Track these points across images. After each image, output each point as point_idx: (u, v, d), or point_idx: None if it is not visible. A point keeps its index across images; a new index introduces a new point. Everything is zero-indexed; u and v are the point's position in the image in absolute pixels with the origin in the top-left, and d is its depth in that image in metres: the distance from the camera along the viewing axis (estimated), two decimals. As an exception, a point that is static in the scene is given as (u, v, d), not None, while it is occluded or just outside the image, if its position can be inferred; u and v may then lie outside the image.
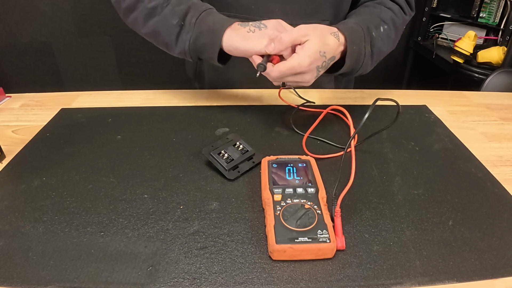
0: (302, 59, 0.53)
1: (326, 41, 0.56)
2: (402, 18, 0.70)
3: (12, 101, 0.75)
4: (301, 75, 0.55)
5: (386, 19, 0.66)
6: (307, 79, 0.56)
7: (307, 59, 0.53)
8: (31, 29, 1.74)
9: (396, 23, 0.68)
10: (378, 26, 0.64)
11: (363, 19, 0.63)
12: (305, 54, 0.53)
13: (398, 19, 0.68)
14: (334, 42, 0.57)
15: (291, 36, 0.54)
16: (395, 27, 0.67)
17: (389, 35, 0.66)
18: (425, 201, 0.48)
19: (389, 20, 0.66)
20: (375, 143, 0.60)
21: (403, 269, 0.39)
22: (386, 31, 0.65)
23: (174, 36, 0.61)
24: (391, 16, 0.67)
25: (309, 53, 0.53)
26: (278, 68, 0.54)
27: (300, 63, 0.53)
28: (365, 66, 0.63)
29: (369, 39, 0.61)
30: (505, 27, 1.49)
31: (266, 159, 0.52)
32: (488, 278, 0.38)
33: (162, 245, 0.41)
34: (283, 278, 0.38)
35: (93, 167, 0.54)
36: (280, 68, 0.53)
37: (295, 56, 0.53)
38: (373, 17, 0.65)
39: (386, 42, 0.66)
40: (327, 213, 0.43)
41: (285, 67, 0.53)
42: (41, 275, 0.38)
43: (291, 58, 0.54)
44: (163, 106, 0.72)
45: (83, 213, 0.46)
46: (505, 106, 0.76)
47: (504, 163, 0.57)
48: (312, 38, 0.54)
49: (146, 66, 1.90)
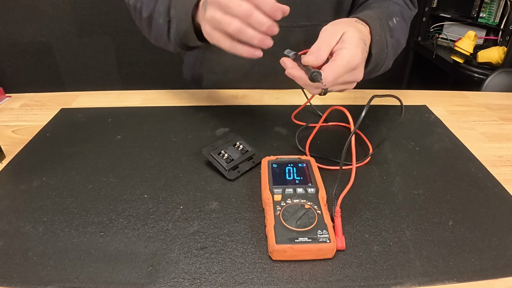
0: (352, 51, 0.46)
1: (359, 28, 0.50)
2: (408, 13, 0.68)
3: (12, 101, 0.75)
4: (355, 71, 0.48)
5: (396, 12, 0.62)
6: (360, 75, 0.49)
7: (357, 49, 0.46)
8: (31, 29, 1.74)
9: (405, 16, 0.65)
10: (392, 18, 0.60)
11: (376, 11, 0.59)
12: (352, 44, 0.46)
13: (405, 12, 0.66)
14: (365, 29, 0.52)
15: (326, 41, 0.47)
16: (405, 20, 0.64)
17: (403, 27, 0.63)
18: (425, 201, 0.48)
19: (399, 13, 0.63)
20: (375, 143, 0.60)
21: (403, 269, 0.39)
22: (399, 22, 0.61)
23: (166, 34, 0.60)
24: (400, 9, 0.64)
25: (355, 42, 0.47)
26: (332, 70, 0.45)
27: (353, 55, 0.46)
28: (388, 59, 0.58)
29: (387, 28, 0.57)
30: (505, 27, 1.49)
31: (266, 159, 0.52)
32: (488, 278, 0.38)
33: (162, 245, 0.41)
34: (283, 278, 0.38)
35: (93, 167, 0.54)
36: (334, 69, 0.45)
37: (343, 51, 0.46)
38: (384, 10, 0.61)
39: (402, 33, 0.62)
40: (327, 213, 0.43)
41: (338, 65, 0.45)
42: (41, 275, 0.38)
43: (339, 55, 0.46)
44: (163, 106, 0.72)
45: (83, 213, 0.46)
46: (505, 106, 0.76)
47: (504, 163, 0.57)
48: (348, 29, 0.48)
49: (146, 66, 1.90)
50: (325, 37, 0.48)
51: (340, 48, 0.47)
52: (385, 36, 0.56)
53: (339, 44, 0.47)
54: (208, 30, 0.48)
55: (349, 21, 0.51)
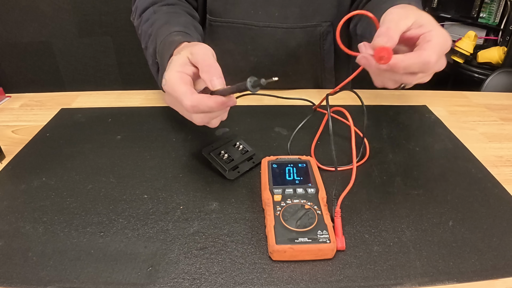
0: (443, 32, 0.41)
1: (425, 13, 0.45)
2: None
3: (12, 101, 0.75)
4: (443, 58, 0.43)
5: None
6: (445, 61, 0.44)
7: (443, 30, 0.42)
8: (31, 29, 1.74)
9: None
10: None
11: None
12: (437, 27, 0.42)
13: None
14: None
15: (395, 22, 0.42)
16: None
17: None
18: (425, 201, 0.48)
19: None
20: (375, 143, 0.60)
21: (403, 269, 0.39)
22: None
23: (156, 76, 0.59)
24: None
25: (437, 25, 0.42)
26: (432, 48, 0.40)
27: (445, 36, 0.41)
28: None
29: None
30: (505, 27, 1.49)
31: (266, 159, 0.52)
32: (489, 278, 0.38)
33: (162, 245, 0.41)
34: (283, 279, 0.38)
35: (93, 167, 0.54)
36: (434, 48, 0.40)
37: (434, 32, 0.41)
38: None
39: None
40: (327, 213, 0.43)
41: (438, 44, 0.40)
42: (41, 276, 0.38)
43: (431, 35, 0.41)
44: (163, 106, 0.72)
45: (83, 214, 0.46)
46: (505, 107, 0.76)
47: (504, 163, 0.57)
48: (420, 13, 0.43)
49: (146, 66, 1.88)
50: (392, 18, 0.42)
51: (428, 30, 0.41)
52: None
53: (421, 28, 0.42)
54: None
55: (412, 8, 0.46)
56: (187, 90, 0.41)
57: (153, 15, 0.61)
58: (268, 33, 0.71)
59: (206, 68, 0.41)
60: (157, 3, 0.63)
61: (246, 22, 0.70)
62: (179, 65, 0.43)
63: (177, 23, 0.56)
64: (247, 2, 0.69)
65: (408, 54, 0.40)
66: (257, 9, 0.69)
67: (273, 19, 0.70)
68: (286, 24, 0.70)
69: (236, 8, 0.69)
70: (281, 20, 0.65)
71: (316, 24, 0.72)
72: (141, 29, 0.62)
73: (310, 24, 0.71)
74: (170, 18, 0.58)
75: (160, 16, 0.59)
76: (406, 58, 0.39)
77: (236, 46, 0.74)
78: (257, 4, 0.69)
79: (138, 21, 0.64)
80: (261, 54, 0.74)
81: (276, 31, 0.71)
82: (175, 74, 0.42)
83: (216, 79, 0.41)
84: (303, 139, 0.60)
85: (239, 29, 0.71)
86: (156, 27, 0.57)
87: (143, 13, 0.63)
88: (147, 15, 0.62)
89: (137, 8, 0.64)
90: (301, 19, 0.71)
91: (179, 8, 0.63)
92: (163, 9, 0.61)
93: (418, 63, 0.40)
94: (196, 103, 0.40)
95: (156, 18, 0.59)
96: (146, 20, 0.61)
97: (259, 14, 0.70)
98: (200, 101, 0.40)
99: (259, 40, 0.72)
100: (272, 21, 0.69)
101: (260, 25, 0.70)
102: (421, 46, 0.41)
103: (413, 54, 0.40)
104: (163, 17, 0.59)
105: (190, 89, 0.41)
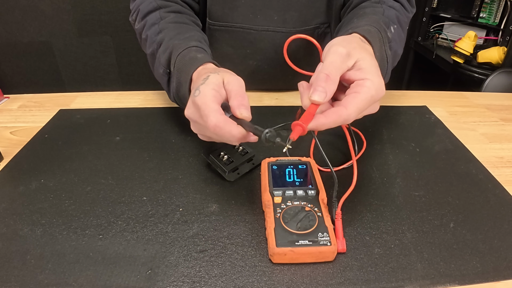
0: (376, 83, 0.40)
1: (369, 51, 0.46)
2: (405, 16, 0.63)
3: (11, 102, 0.75)
4: (376, 104, 0.43)
5: (392, 18, 0.58)
6: (377, 107, 0.44)
7: (380, 80, 0.41)
8: (31, 29, 1.74)
9: (401, 22, 0.60)
10: (389, 26, 0.55)
11: (373, 20, 0.53)
12: (374, 75, 0.40)
13: (402, 16, 0.61)
14: (369, 49, 0.47)
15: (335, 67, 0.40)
16: (402, 26, 0.60)
17: (400, 35, 0.59)
18: (426, 203, 0.48)
19: (395, 19, 0.58)
20: (375, 144, 0.60)
21: (404, 272, 0.39)
22: (396, 31, 0.57)
23: (166, 85, 0.58)
24: (396, 14, 0.59)
25: (376, 72, 0.41)
26: (356, 105, 0.39)
27: (377, 88, 0.40)
28: (387, 74, 0.54)
29: (387, 41, 0.53)
30: (505, 27, 1.49)
31: (266, 161, 0.51)
32: (490, 280, 0.38)
33: (161, 248, 0.41)
34: (283, 282, 0.37)
35: (91, 169, 0.54)
36: (358, 104, 0.39)
37: (367, 83, 0.39)
38: (380, 17, 0.56)
39: (399, 43, 0.58)
40: (327, 215, 0.42)
41: (363, 100, 0.39)
42: (39, 279, 0.37)
43: (362, 87, 0.39)
44: (163, 107, 0.71)
45: (82, 216, 0.45)
46: (506, 107, 0.75)
47: (505, 164, 0.57)
48: (363, 55, 0.42)
49: (146, 66, 1.88)
50: (334, 61, 0.40)
51: (362, 78, 0.40)
52: (385, 51, 0.52)
53: (358, 73, 0.41)
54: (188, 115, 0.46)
55: (357, 42, 0.45)
56: (218, 109, 0.41)
57: (160, 21, 0.60)
58: (267, 37, 0.71)
59: (238, 97, 0.42)
60: (163, 9, 0.62)
61: (245, 26, 0.70)
62: (216, 85, 0.43)
63: (191, 37, 0.56)
64: (246, 6, 0.68)
65: (329, 115, 0.39)
66: (256, 13, 0.69)
67: (272, 23, 0.69)
68: (285, 28, 0.70)
69: (235, 12, 0.69)
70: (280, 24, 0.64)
71: (314, 27, 0.72)
72: (145, 34, 0.61)
73: (308, 27, 0.71)
74: (181, 29, 0.58)
75: (169, 26, 0.59)
76: (327, 121, 0.39)
77: (235, 50, 0.73)
78: (256, 8, 0.69)
79: (141, 24, 0.63)
80: (260, 58, 0.74)
81: (275, 35, 0.71)
82: (211, 91, 0.42)
83: (244, 109, 0.42)
84: (303, 139, 0.60)
85: (238, 33, 0.71)
86: (168, 37, 0.57)
87: (146, 17, 0.62)
88: (152, 19, 0.61)
89: (140, 10, 0.63)
90: (300, 23, 0.71)
91: (186, 18, 0.63)
92: (170, 17, 0.61)
93: (339, 122, 0.39)
94: (221, 125, 0.40)
95: (164, 26, 0.59)
96: (152, 25, 0.60)
97: (258, 18, 0.69)
98: (225, 124, 0.40)
99: (258, 44, 0.72)
100: (271, 25, 0.69)
101: (259, 29, 0.70)
102: (347, 98, 0.40)
103: (333, 114, 0.39)
104: (172, 26, 0.59)
105: (220, 110, 0.42)
